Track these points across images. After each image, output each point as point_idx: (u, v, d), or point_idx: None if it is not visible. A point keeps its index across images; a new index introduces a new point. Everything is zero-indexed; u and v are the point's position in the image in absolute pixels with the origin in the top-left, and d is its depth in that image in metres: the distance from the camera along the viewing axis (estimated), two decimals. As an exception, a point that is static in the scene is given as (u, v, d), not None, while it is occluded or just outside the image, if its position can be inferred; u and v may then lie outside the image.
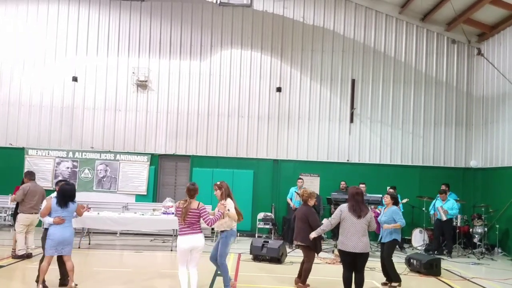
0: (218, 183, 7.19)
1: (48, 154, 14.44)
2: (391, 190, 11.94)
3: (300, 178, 12.99)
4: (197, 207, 6.44)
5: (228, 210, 6.86)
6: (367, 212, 6.58)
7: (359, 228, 6.45)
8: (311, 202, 7.88)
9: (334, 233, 13.18)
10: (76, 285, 7.13)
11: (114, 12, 14.94)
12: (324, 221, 7.27)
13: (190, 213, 6.38)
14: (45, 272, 6.88)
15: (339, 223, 6.74)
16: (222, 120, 14.68)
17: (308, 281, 7.68)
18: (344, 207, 6.65)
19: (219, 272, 7.64)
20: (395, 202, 8.22)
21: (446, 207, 11.74)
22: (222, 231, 7.11)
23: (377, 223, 11.35)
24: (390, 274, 8.06)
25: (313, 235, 7.07)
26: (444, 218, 11.67)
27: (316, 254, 7.75)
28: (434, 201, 12.30)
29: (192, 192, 6.50)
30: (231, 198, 7.08)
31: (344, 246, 6.48)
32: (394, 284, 8.03)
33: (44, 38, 14.85)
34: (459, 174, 14.28)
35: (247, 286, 7.82)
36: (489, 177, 13.54)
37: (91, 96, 14.75)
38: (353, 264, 6.57)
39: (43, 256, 7.03)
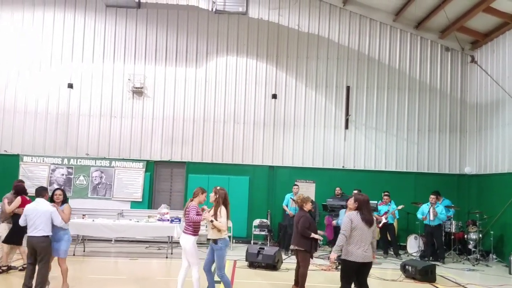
0: (218, 187, 6.99)
1: (43, 161, 14.39)
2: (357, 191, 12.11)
3: (296, 185, 13.01)
4: (188, 206, 6.91)
5: (212, 221, 6.70)
6: (374, 220, 6.36)
7: (368, 237, 6.18)
8: (307, 207, 7.89)
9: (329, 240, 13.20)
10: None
11: (110, 19, 14.97)
12: (339, 236, 6.39)
13: (185, 212, 6.93)
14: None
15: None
16: (217, 127, 14.70)
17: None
18: (353, 215, 6.23)
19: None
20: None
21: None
22: (214, 241, 6.83)
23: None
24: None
25: (333, 257, 6.56)
26: (432, 218, 11.73)
27: (311, 258, 7.73)
28: (422, 206, 12.32)
29: (194, 193, 7.07)
30: (226, 208, 6.84)
31: (354, 257, 6.08)
32: None
33: (40, 44, 14.85)
34: (454, 181, 14.35)
35: (243, 293, 7.81)
36: (484, 183, 13.62)
37: (86, 102, 14.74)
38: (354, 275, 6.31)
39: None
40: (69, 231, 7.35)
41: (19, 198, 8.46)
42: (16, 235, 8.44)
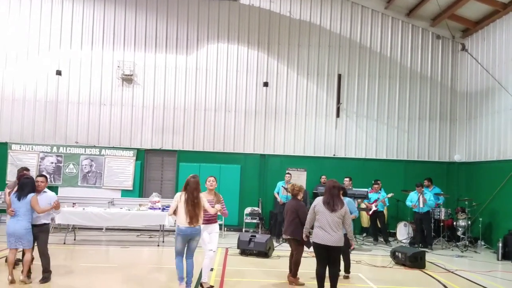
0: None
1: (32, 149, 14.22)
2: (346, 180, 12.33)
3: (288, 173, 13.03)
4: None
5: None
6: (342, 206, 6.47)
7: (332, 222, 6.38)
8: (301, 196, 7.93)
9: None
10: (27, 278, 7.09)
11: (98, 5, 14.72)
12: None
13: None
14: (11, 263, 7.02)
15: None
16: (209, 115, 14.62)
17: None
18: (318, 200, 6.63)
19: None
20: (344, 193, 8.19)
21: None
22: None
23: None
24: (346, 264, 8.27)
25: (304, 238, 7.04)
26: (422, 206, 11.84)
27: (307, 248, 7.75)
28: (410, 194, 12.40)
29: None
30: (186, 194, 6.68)
31: (317, 239, 6.43)
32: (346, 274, 8.27)
33: (27, 31, 14.57)
34: (443, 168, 14.47)
35: (235, 280, 7.84)
36: (473, 171, 13.76)
37: (75, 90, 14.55)
38: (326, 258, 6.52)
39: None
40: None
41: None
42: None
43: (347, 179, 12.66)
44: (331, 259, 6.53)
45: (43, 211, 6.99)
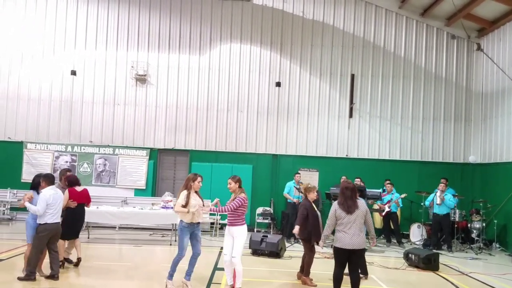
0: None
1: (47, 148, 14.41)
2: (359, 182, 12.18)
3: (298, 173, 13.01)
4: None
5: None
6: (356, 207, 6.29)
7: (354, 224, 6.23)
8: (311, 196, 7.86)
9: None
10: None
11: (113, 5, 14.86)
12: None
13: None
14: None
15: None
16: (221, 115, 14.66)
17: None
18: (337, 204, 6.44)
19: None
20: (361, 194, 8.04)
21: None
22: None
23: None
24: (362, 267, 8.05)
25: (321, 244, 6.83)
26: (439, 202, 11.70)
27: (318, 246, 7.70)
28: (431, 195, 12.29)
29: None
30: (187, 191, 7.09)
31: (340, 243, 6.24)
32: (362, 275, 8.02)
33: (43, 31, 14.77)
34: (458, 170, 14.31)
35: (247, 280, 7.84)
36: (488, 172, 13.58)
37: (89, 90, 14.71)
38: (346, 261, 6.39)
39: None
40: None
41: (67, 192, 8.12)
42: (72, 229, 8.18)
43: (358, 179, 12.58)
44: (353, 262, 6.38)
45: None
